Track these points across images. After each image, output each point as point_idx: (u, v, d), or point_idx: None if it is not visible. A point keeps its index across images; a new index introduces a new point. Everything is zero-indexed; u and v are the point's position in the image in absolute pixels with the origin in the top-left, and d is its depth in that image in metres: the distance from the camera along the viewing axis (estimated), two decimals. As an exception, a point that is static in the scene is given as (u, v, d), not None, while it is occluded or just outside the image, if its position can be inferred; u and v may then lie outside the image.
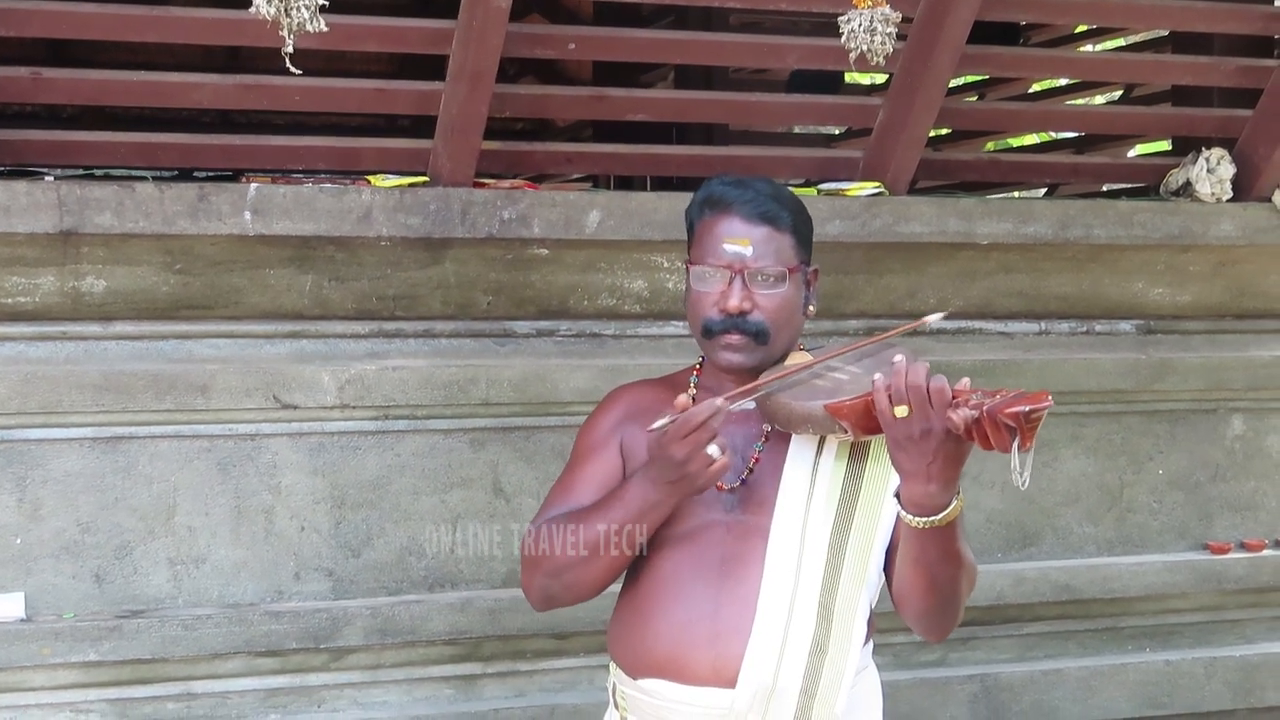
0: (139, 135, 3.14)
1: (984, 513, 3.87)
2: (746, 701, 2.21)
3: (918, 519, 2.12)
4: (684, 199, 3.42)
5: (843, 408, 2.16)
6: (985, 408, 1.99)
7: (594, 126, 4.90)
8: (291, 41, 2.70)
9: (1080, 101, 6.38)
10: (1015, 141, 8.30)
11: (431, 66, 3.23)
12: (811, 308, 2.40)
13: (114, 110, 3.16)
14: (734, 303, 2.28)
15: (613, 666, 2.38)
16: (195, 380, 3.23)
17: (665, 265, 3.49)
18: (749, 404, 2.26)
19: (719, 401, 2.14)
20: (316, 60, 3.14)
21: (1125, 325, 4.00)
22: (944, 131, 6.11)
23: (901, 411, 2.06)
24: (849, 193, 3.57)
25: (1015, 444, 1.97)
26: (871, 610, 2.34)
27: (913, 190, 3.74)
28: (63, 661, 3.15)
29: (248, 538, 3.31)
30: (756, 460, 2.34)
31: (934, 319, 2.27)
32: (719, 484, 2.30)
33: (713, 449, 2.14)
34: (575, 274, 3.44)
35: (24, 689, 3.17)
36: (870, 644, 2.38)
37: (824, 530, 2.27)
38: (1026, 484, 1.99)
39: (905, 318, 3.75)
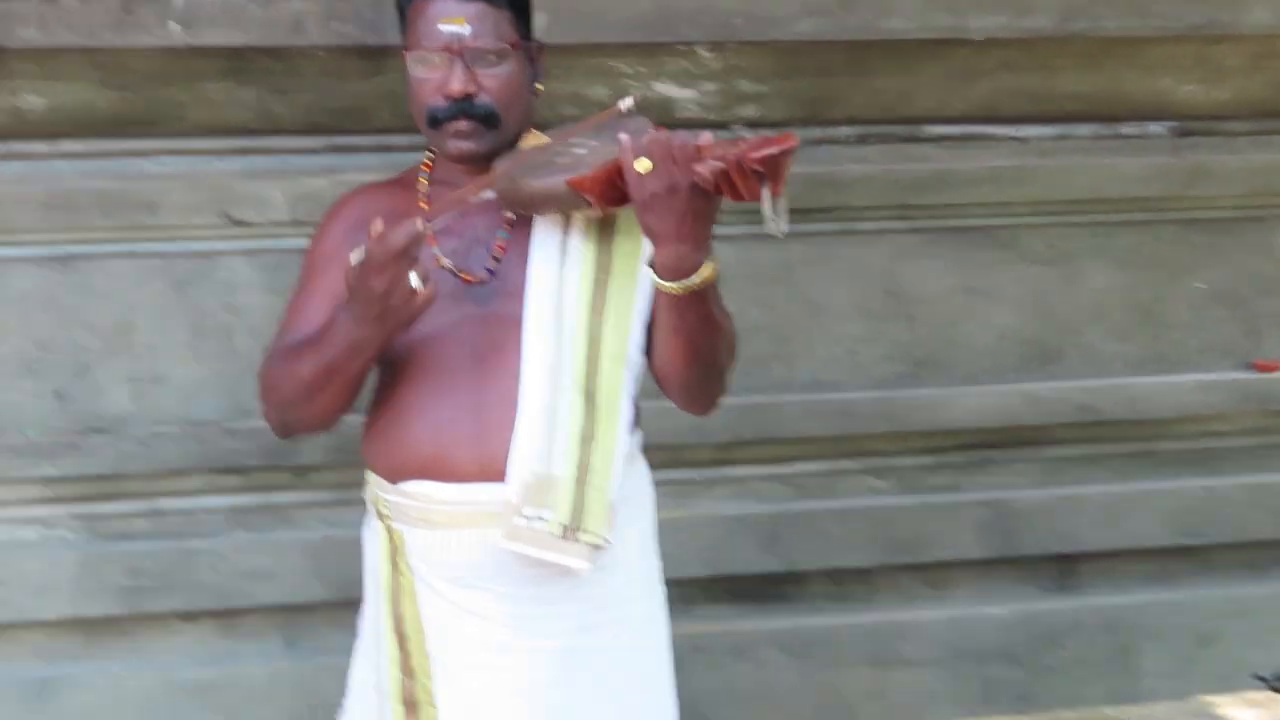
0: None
1: (996, 329, 3.66)
2: (519, 494, 2.11)
3: (672, 283, 2.04)
4: (637, 0, 3.31)
5: (585, 180, 2.07)
6: (731, 156, 1.91)
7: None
8: None
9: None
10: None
11: None
12: (539, 85, 2.30)
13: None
14: (457, 86, 2.18)
15: (370, 475, 2.30)
16: (143, 198, 3.23)
17: (628, 72, 3.35)
18: (489, 194, 2.16)
19: (417, 225, 2.00)
20: None
21: (1156, 127, 3.70)
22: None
23: (644, 166, 1.97)
24: (822, -13, 3.38)
25: (766, 191, 1.91)
26: (636, 396, 2.26)
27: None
28: (22, 476, 3.21)
29: (208, 356, 3.32)
30: (502, 249, 2.24)
31: (624, 104, 2.14)
32: (466, 275, 2.21)
33: (414, 279, 2.01)
34: (530, 82, 3.33)
35: (-13, 503, 3.26)
36: (639, 434, 2.30)
37: (580, 311, 2.17)
38: (785, 231, 1.92)
39: (901, 123, 3.57)
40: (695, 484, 3.51)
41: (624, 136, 2.02)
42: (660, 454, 3.42)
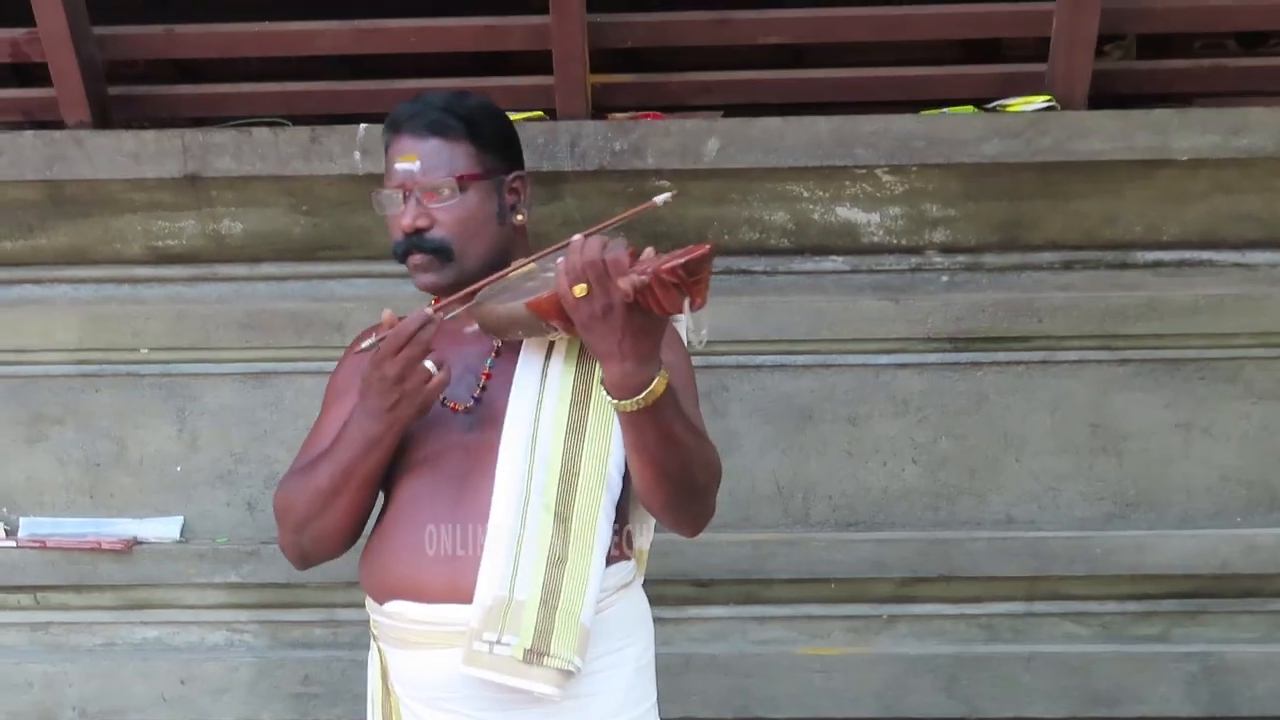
0: (269, 85, 3.31)
1: (1217, 469, 3.40)
2: (479, 618, 2.09)
3: (623, 401, 2.01)
4: (813, 123, 3.26)
5: (542, 303, 2.06)
6: (650, 270, 1.88)
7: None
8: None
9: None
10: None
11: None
12: (520, 216, 2.32)
13: (230, 61, 3.33)
14: (406, 221, 2.25)
15: (367, 599, 2.31)
16: (331, 318, 3.36)
17: (805, 195, 3.29)
18: (474, 326, 2.18)
19: (428, 310, 2.08)
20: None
21: (1405, 253, 3.39)
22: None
23: (581, 291, 1.95)
24: (1010, 108, 3.23)
25: (686, 303, 1.88)
26: (626, 521, 2.23)
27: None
28: (208, 582, 3.37)
29: (389, 472, 3.40)
30: (488, 376, 2.25)
31: (661, 199, 2.07)
32: (453, 405, 2.23)
33: (428, 363, 2.08)
34: (706, 207, 3.30)
35: (181, 606, 3.42)
36: (631, 562, 2.26)
37: (556, 436, 2.15)
38: (705, 342, 1.94)
39: (1109, 248, 3.38)
40: (874, 620, 3.37)
41: (560, 260, 1.99)
42: (838, 588, 3.35)
